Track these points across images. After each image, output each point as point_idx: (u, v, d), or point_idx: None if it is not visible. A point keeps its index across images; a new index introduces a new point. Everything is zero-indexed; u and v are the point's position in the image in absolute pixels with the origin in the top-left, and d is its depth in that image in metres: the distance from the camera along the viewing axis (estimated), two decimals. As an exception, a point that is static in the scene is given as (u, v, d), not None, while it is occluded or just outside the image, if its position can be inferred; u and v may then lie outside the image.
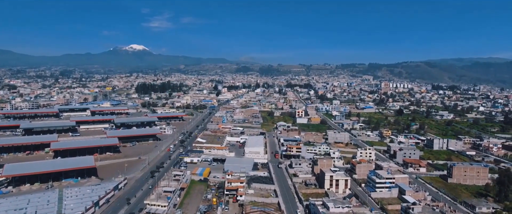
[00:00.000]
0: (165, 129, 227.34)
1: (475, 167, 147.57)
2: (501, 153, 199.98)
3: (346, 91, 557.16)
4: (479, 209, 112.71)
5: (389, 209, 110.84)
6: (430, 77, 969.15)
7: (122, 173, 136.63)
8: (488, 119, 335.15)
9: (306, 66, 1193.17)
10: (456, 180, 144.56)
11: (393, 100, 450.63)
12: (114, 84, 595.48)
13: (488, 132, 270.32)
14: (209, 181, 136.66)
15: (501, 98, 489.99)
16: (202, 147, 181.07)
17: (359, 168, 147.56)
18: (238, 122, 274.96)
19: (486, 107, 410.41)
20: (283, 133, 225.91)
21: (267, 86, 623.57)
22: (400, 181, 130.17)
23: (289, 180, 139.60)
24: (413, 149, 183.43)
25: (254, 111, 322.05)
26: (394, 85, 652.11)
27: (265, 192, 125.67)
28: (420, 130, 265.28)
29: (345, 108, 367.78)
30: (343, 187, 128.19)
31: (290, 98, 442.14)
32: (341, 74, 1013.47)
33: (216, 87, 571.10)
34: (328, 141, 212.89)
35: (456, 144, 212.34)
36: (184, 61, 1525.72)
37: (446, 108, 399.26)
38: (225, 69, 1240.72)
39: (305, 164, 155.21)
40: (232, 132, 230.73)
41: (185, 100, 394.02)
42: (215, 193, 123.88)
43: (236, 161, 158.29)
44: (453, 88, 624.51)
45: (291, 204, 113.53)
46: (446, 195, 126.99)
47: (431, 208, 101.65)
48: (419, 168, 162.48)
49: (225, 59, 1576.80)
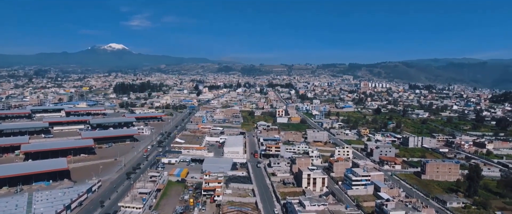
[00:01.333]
0: (143, 130, 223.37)
1: (446, 164, 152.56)
2: (472, 149, 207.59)
3: (327, 91, 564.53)
4: (450, 204, 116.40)
5: (365, 206, 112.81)
6: (407, 77, 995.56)
7: (97, 175, 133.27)
8: (461, 117, 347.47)
9: (288, 66, 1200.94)
10: (429, 177, 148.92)
11: (372, 100, 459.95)
12: (92, 84, 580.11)
13: (460, 129, 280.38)
14: (186, 181, 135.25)
15: (474, 97, 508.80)
16: (180, 147, 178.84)
17: (337, 166, 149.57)
18: (218, 122, 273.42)
19: (460, 106, 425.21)
20: (263, 132, 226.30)
21: (248, 86, 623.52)
22: (375, 178, 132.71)
23: (268, 179, 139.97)
24: (389, 147, 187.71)
25: (235, 111, 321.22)
26: (373, 85, 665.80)
27: (243, 192, 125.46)
28: (397, 128, 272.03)
29: (325, 107, 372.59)
30: (320, 185, 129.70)
31: (271, 98, 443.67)
32: (322, 74, 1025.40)
33: (197, 87, 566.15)
34: (308, 140, 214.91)
35: (430, 141, 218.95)
36: (165, 60, 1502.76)
37: (422, 107, 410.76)
38: (207, 69, 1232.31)
39: (284, 163, 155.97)
40: (211, 132, 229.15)
41: (165, 100, 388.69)
42: (192, 193, 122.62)
43: (215, 161, 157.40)
44: (429, 87, 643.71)
45: (269, 203, 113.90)
46: (419, 191, 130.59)
47: (404, 204, 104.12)
48: (394, 165, 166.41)
49: (207, 59, 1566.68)
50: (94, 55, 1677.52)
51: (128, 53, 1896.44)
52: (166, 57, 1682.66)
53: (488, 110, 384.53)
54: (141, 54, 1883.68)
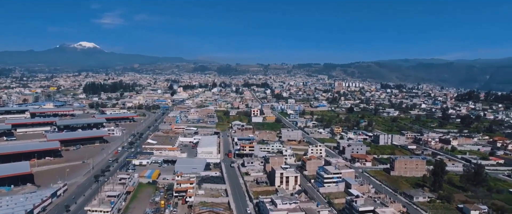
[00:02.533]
0: (113, 131, 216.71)
1: (414, 160, 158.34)
2: (438, 146, 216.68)
3: (302, 90, 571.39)
4: (416, 199, 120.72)
5: (336, 203, 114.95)
6: (380, 76, 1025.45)
7: (63, 179, 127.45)
8: (428, 115, 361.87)
9: (264, 66, 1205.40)
10: (397, 173, 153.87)
11: (345, 99, 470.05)
12: (60, 84, 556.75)
13: (428, 127, 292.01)
14: (158, 183, 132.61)
15: (441, 96, 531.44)
16: (152, 148, 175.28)
17: (309, 165, 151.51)
18: (192, 122, 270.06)
19: (428, 104, 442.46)
20: (238, 132, 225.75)
21: (224, 85, 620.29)
22: (346, 176, 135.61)
23: (241, 178, 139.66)
24: (360, 145, 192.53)
25: (210, 111, 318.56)
26: (347, 84, 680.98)
27: (215, 192, 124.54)
28: (368, 126, 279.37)
29: (299, 106, 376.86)
30: (293, 183, 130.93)
31: (246, 98, 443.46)
32: (298, 74, 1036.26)
33: (171, 86, 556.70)
34: (282, 139, 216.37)
35: (399, 139, 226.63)
36: (138, 60, 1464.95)
37: (393, 106, 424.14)
38: (182, 68, 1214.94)
39: (257, 162, 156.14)
40: (185, 132, 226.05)
41: (138, 100, 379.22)
42: (163, 195, 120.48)
43: (188, 161, 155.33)
44: (400, 87, 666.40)
45: (242, 203, 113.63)
46: (388, 187, 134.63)
47: (373, 200, 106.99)
48: (365, 162, 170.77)
49: (182, 58, 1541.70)
50: (63, 54, 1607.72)
51: (99, 52, 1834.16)
52: (139, 56, 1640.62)
53: (453, 108, 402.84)
54: (113, 53, 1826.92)
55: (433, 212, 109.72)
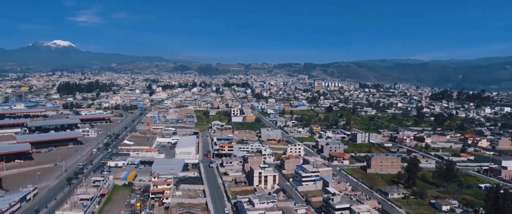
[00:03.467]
0: (88, 132, 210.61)
1: (389, 158, 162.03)
2: (413, 144, 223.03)
3: (282, 90, 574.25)
4: (391, 195, 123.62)
5: (313, 201, 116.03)
6: (358, 76, 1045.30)
7: (33, 182, 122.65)
8: (404, 113, 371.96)
9: (245, 65, 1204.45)
10: (374, 170, 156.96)
11: (325, 98, 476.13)
12: (32, 84, 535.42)
13: (403, 125, 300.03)
14: (134, 185, 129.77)
15: (416, 95, 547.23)
16: (129, 149, 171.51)
17: (288, 164, 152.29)
18: (171, 122, 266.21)
19: (404, 103, 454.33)
20: (217, 132, 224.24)
21: (204, 85, 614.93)
22: (324, 174, 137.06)
23: (220, 179, 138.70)
24: (338, 143, 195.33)
25: (189, 111, 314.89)
26: (327, 84, 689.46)
27: (193, 193, 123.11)
28: (347, 125, 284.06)
29: (279, 106, 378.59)
30: (271, 182, 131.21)
31: (227, 98, 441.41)
32: (278, 74, 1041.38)
33: (150, 86, 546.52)
34: (262, 139, 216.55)
35: (376, 137, 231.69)
36: (116, 59, 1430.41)
37: (370, 105, 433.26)
38: (162, 68, 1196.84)
39: (236, 162, 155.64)
40: (163, 132, 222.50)
41: (115, 100, 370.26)
42: (140, 197, 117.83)
43: (165, 162, 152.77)
44: (377, 86, 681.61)
45: (219, 203, 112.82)
46: (364, 184, 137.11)
47: (349, 198, 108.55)
48: (343, 160, 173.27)
49: (162, 58, 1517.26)
50: (36, 53, 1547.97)
51: (75, 50, 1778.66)
52: (117, 55, 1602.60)
53: (428, 107, 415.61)
54: (89, 52, 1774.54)
55: (407, 208, 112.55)
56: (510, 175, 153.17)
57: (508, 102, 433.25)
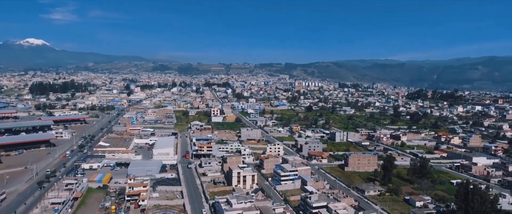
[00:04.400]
0: (62, 134, 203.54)
1: (366, 156, 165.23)
2: (389, 142, 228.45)
3: (263, 90, 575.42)
4: (368, 193, 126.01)
5: (292, 200, 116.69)
6: (338, 76, 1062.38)
7: (1, 187, 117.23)
8: (382, 112, 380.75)
9: (226, 65, 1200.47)
10: (351, 168, 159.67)
11: (305, 98, 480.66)
12: (3, 84, 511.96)
13: (380, 124, 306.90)
14: (109, 187, 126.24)
15: (393, 95, 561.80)
16: (104, 151, 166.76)
17: (267, 163, 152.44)
18: (149, 123, 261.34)
19: (381, 103, 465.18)
20: (196, 132, 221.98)
21: (184, 85, 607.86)
22: (303, 173, 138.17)
23: (198, 179, 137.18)
24: (317, 142, 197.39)
25: (168, 111, 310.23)
26: (307, 84, 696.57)
27: (171, 194, 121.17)
28: (326, 124, 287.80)
29: (260, 105, 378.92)
30: (250, 182, 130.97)
31: (207, 98, 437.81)
32: (260, 74, 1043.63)
33: (128, 86, 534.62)
34: (241, 139, 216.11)
35: (354, 135, 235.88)
36: (93, 58, 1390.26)
37: (349, 104, 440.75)
38: (141, 67, 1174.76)
39: (215, 162, 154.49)
40: (141, 133, 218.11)
41: (91, 101, 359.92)
42: (115, 200, 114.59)
43: (142, 164, 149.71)
44: (356, 86, 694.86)
45: (197, 204, 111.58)
46: (342, 182, 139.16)
47: (327, 196, 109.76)
48: (321, 159, 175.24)
49: (141, 57, 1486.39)
50: (7, 51, 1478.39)
51: (49, 49, 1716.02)
52: (94, 54, 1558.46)
53: (404, 106, 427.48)
54: (65, 51, 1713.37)
55: (382, 204, 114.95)
56: (480, 170, 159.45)
57: (479, 102, 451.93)
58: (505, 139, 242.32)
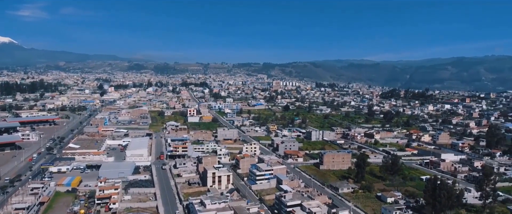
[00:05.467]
0: (29, 136, 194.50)
1: (340, 154, 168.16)
2: (363, 140, 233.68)
3: (241, 89, 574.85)
4: (342, 190, 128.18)
5: (267, 199, 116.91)
6: (315, 76, 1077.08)
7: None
8: (356, 111, 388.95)
9: (204, 65, 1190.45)
10: (326, 167, 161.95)
11: (282, 98, 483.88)
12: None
13: (355, 123, 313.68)
14: (78, 191, 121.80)
15: (368, 94, 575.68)
16: (74, 153, 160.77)
17: (243, 163, 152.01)
18: (123, 124, 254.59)
19: (356, 102, 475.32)
20: (172, 132, 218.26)
21: (160, 85, 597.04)
22: (278, 172, 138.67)
23: (172, 180, 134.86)
24: (293, 141, 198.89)
25: (143, 111, 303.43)
26: (285, 83, 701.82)
27: (143, 196, 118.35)
28: (302, 123, 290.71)
29: (237, 105, 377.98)
30: (225, 182, 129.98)
31: (183, 97, 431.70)
32: (238, 73, 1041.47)
33: (101, 86, 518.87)
34: (218, 139, 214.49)
35: (329, 134, 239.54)
36: (65, 57, 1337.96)
37: (325, 103, 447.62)
38: (116, 67, 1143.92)
39: (190, 163, 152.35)
40: (114, 134, 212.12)
41: (61, 101, 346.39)
42: (84, 203, 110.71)
43: (114, 166, 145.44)
44: (333, 86, 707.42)
45: (171, 206, 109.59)
46: (316, 181, 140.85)
47: (301, 194, 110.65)
48: (297, 158, 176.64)
49: (116, 56, 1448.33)
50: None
51: (17, 48, 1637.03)
52: (66, 53, 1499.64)
53: (378, 105, 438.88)
54: (34, 50, 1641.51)
55: (355, 201, 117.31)
56: (448, 167, 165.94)
57: (448, 100, 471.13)
58: (471, 136, 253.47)
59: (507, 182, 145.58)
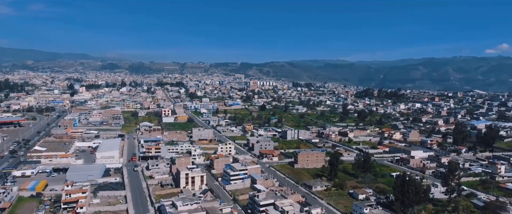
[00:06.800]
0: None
1: (314, 153, 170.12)
2: (338, 138, 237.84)
3: (217, 89, 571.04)
4: (315, 188, 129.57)
5: (241, 199, 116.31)
6: (293, 76, 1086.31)
7: None
8: (332, 111, 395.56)
9: (181, 64, 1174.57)
10: (300, 165, 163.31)
11: (259, 97, 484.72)
12: None
13: (330, 121, 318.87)
14: (43, 195, 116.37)
15: (343, 93, 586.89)
16: (40, 156, 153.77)
17: (217, 163, 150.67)
18: (94, 125, 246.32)
19: (332, 101, 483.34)
20: (145, 133, 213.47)
21: (135, 85, 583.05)
22: (253, 172, 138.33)
23: (145, 182, 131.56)
24: (268, 141, 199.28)
25: (115, 112, 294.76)
26: (262, 83, 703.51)
27: (113, 200, 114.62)
28: (278, 123, 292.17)
29: (213, 105, 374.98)
30: (199, 183, 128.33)
31: (158, 97, 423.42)
32: (215, 73, 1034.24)
33: (71, 86, 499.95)
34: (193, 139, 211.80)
35: (305, 133, 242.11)
36: (33, 56, 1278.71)
37: (302, 103, 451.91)
38: (88, 66, 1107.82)
39: (163, 164, 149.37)
40: (84, 136, 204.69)
41: (28, 102, 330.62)
42: (49, 208, 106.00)
43: (82, 168, 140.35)
44: (309, 85, 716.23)
45: (142, 208, 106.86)
46: (290, 179, 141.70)
47: (274, 193, 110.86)
48: (272, 157, 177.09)
49: (88, 55, 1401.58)
50: None
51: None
52: (35, 51, 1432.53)
53: (352, 104, 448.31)
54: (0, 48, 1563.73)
55: (328, 199, 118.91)
56: (417, 163, 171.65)
57: (419, 99, 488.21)
58: (439, 133, 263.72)
59: (472, 177, 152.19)
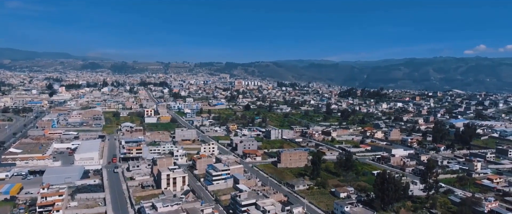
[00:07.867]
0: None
1: (297, 152, 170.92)
2: (321, 138, 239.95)
3: (202, 89, 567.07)
4: (297, 187, 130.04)
5: (223, 199, 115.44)
6: (278, 75, 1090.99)
7: None
8: (316, 110, 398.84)
9: (165, 64, 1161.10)
10: (284, 165, 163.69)
11: (244, 97, 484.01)
12: None
13: (314, 121, 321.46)
14: (18, 199, 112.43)
15: (327, 93, 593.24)
16: (15, 158, 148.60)
17: (200, 163, 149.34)
18: (73, 126, 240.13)
19: (316, 101, 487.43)
20: (127, 134, 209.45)
21: (117, 84, 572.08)
22: (236, 172, 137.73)
23: (125, 184, 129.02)
24: (251, 141, 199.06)
25: (96, 112, 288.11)
26: (247, 83, 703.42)
27: (92, 202, 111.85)
28: (263, 122, 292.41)
29: (197, 105, 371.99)
30: (181, 184, 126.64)
31: (141, 98, 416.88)
32: (200, 73, 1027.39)
33: (50, 86, 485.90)
34: (176, 139, 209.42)
35: (288, 133, 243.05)
36: (10, 55, 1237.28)
37: (286, 102, 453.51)
38: (69, 65, 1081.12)
39: (144, 165, 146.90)
40: (62, 137, 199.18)
41: (3, 102, 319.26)
42: (24, 212, 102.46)
43: (60, 171, 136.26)
44: (294, 85, 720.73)
45: (122, 210, 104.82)
46: (273, 179, 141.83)
47: (256, 193, 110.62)
48: (255, 157, 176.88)
49: (69, 54, 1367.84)
50: None
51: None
52: (12, 50, 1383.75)
53: (336, 104, 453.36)
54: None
55: (310, 198, 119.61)
56: (397, 161, 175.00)
57: (400, 99, 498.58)
58: (419, 131, 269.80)
59: (449, 174, 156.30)
